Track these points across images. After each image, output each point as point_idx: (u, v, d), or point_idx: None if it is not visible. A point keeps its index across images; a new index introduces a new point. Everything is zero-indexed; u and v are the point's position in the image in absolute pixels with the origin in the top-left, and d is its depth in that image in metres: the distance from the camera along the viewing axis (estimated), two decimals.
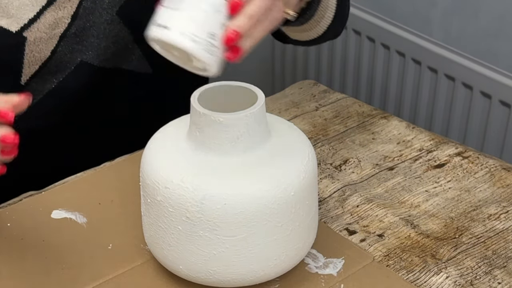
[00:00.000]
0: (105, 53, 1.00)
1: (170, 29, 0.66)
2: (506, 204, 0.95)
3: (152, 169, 0.77)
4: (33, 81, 0.99)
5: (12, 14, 0.95)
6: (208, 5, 0.66)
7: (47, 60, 0.97)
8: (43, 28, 0.96)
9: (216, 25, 0.67)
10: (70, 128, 1.03)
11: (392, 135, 1.08)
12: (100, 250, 0.86)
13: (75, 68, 0.99)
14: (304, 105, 1.15)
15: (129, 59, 1.03)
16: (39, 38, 0.96)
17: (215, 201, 0.73)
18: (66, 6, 0.96)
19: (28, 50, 0.96)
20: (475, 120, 1.56)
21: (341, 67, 1.84)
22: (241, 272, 0.77)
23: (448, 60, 1.56)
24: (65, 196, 0.95)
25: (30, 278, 0.83)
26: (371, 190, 0.97)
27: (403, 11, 1.64)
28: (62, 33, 0.97)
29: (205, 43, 0.66)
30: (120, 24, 0.99)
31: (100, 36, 0.98)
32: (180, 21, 0.66)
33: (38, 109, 1.00)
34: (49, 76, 0.99)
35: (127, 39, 1.00)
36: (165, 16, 0.68)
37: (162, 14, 0.68)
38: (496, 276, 0.84)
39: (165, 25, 0.67)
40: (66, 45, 0.98)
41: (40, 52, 0.97)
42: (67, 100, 1.01)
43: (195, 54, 0.67)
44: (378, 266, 0.85)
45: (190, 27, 0.66)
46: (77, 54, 0.99)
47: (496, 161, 1.02)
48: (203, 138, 0.76)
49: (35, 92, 1.00)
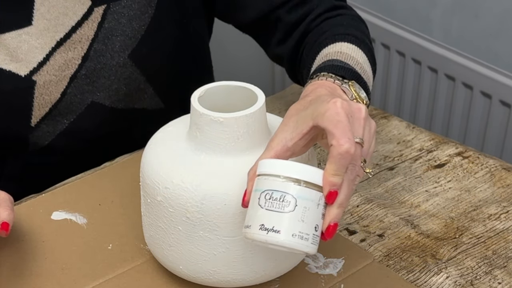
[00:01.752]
0: (117, 94, 0.99)
1: (280, 232, 0.67)
2: (506, 204, 0.95)
3: (152, 169, 0.77)
4: (43, 123, 0.98)
5: (21, 59, 0.94)
6: (307, 201, 0.67)
7: (57, 102, 0.97)
8: (52, 70, 0.95)
9: (318, 218, 0.68)
10: (80, 162, 1.03)
11: (392, 135, 1.08)
12: (100, 250, 0.86)
13: (86, 109, 0.99)
14: None
15: (141, 98, 1.02)
16: (48, 81, 0.95)
17: (215, 201, 0.73)
18: (77, 47, 0.95)
19: (37, 93, 0.96)
20: (475, 120, 1.56)
21: None
22: (241, 272, 0.77)
23: (448, 60, 1.56)
24: (65, 197, 0.94)
25: (30, 278, 0.83)
26: (371, 190, 0.97)
27: (403, 11, 1.64)
28: (72, 74, 0.96)
29: (311, 238, 0.68)
30: (132, 67, 0.98)
31: (111, 78, 0.97)
32: (289, 223, 0.67)
33: (50, 149, 1.00)
34: (60, 118, 0.99)
35: (139, 80, 1.00)
36: (271, 219, 0.67)
37: (265, 216, 0.68)
38: (496, 276, 0.84)
39: (274, 228, 0.67)
40: (76, 86, 0.97)
41: (50, 94, 0.96)
42: (80, 140, 1.01)
43: (305, 250, 0.68)
44: (378, 266, 0.85)
45: (298, 227, 0.67)
46: (88, 95, 0.98)
47: (496, 161, 1.02)
48: (203, 138, 0.76)
49: (46, 134, 0.99)
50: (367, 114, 0.72)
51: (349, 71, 0.82)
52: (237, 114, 0.75)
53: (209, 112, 0.75)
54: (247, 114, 0.75)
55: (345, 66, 0.83)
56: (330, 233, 0.69)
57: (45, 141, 1.00)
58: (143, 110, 1.04)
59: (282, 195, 0.67)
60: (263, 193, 0.68)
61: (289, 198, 0.67)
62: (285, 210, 0.67)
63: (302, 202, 0.67)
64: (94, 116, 1.00)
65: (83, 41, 0.95)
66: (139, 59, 0.98)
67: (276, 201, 0.67)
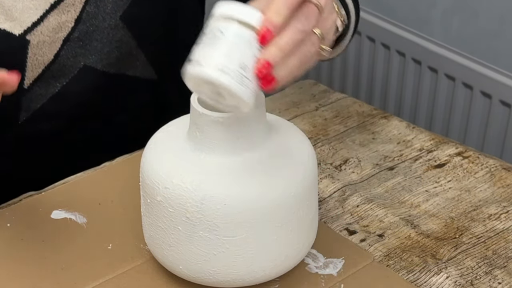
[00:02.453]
0: (109, 58, 0.99)
1: (202, 63, 0.66)
2: (506, 204, 0.95)
3: (152, 169, 0.77)
4: (36, 85, 0.99)
5: (16, 17, 0.94)
6: (238, 38, 0.66)
7: (50, 63, 0.97)
8: (46, 31, 0.96)
9: (247, 57, 0.66)
10: (73, 132, 1.03)
11: (392, 135, 1.08)
12: (100, 250, 0.86)
13: (78, 73, 0.99)
14: (304, 105, 1.15)
15: (133, 65, 1.03)
16: (42, 41, 0.96)
17: (215, 201, 0.73)
18: (70, 10, 0.96)
19: (31, 53, 0.96)
20: (475, 120, 1.56)
21: (341, 67, 1.84)
22: (241, 273, 0.77)
23: (448, 60, 1.56)
24: (65, 196, 0.94)
25: (30, 278, 0.83)
26: (371, 190, 0.97)
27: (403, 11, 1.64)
28: (66, 37, 0.97)
29: (236, 74, 0.66)
30: (124, 29, 0.99)
31: (103, 41, 0.98)
32: (211, 55, 0.66)
33: (42, 113, 1.00)
34: (52, 80, 0.99)
35: (130, 44, 1.00)
36: (198, 52, 0.68)
37: (195, 51, 0.68)
38: (496, 276, 0.84)
39: (197, 60, 0.67)
40: (69, 49, 0.98)
41: (43, 55, 0.97)
42: (71, 105, 1.01)
43: (226, 85, 0.66)
44: (378, 266, 0.85)
45: (220, 59, 0.66)
46: (80, 58, 0.98)
47: (496, 161, 1.02)
48: (203, 138, 0.76)
49: (39, 96, 0.99)
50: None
51: None
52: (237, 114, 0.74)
53: (209, 112, 0.75)
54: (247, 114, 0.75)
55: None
56: (260, 71, 0.66)
57: (37, 104, 1.00)
58: (135, 79, 1.04)
59: (213, 31, 0.67)
60: (204, 32, 0.68)
61: (218, 34, 0.66)
62: (211, 43, 0.66)
63: (231, 37, 0.66)
64: (86, 80, 1.00)
65: (76, 3, 0.96)
66: (130, 21, 0.99)
67: (207, 37, 0.67)
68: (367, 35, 1.72)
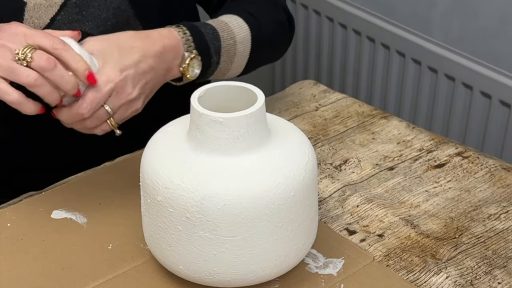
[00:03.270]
0: (105, 24, 0.99)
1: None
2: (506, 204, 0.95)
3: (152, 169, 0.77)
4: None
5: None
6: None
7: (45, 27, 0.97)
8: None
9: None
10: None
11: (392, 135, 1.08)
12: (100, 250, 0.86)
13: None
14: (304, 105, 1.15)
15: None
16: (38, 4, 0.96)
17: (215, 201, 0.73)
18: None
19: (27, 16, 0.96)
20: (475, 120, 1.56)
21: (341, 67, 1.84)
22: (241, 272, 0.77)
23: (448, 60, 1.56)
24: (65, 196, 0.95)
25: (30, 278, 0.83)
26: (371, 190, 0.97)
27: (403, 11, 1.64)
28: (63, 2, 0.97)
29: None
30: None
31: (100, 7, 0.98)
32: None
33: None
34: None
35: (128, 13, 1.00)
36: None
37: None
38: (496, 276, 0.84)
39: None
40: (66, 14, 0.97)
41: (39, 18, 0.97)
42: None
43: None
44: (378, 266, 0.85)
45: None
46: (76, 24, 0.98)
47: (496, 161, 1.02)
48: (203, 138, 0.76)
49: None
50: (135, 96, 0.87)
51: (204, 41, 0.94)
52: (237, 114, 0.75)
53: (209, 112, 0.75)
54: (247, 114, 0.75)
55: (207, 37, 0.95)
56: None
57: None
58: None
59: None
60: None
61: None
62: None
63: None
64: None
65: None
66: None
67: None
68: (367, 35, 1.72)
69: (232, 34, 0.98)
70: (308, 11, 1.86)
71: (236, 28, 0.99)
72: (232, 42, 0.98)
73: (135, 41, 0.88)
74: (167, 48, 0.90)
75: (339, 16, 1.77)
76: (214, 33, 0.96)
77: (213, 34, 0.96)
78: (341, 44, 1.80)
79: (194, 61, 0.94)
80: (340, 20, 1.78)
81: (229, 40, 0.98)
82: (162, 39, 0.91)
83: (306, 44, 1.91)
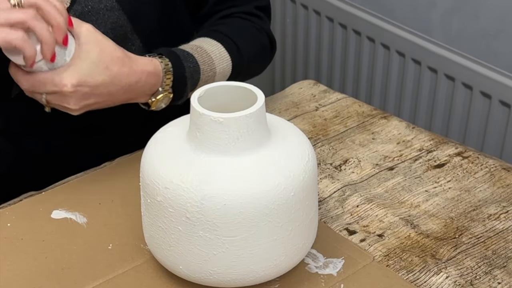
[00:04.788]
0: None
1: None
2: (506, 204, 0.95)
3: (152, 169, 0.77)
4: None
5: None
6: None
7: None
8: None
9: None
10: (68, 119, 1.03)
11: (392, 135, 1.08)
12: (100, 250, 0.86)
13: None
14: (304, 105, 1.15)
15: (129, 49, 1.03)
16: None
17: (215, 201, 0.73)
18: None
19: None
20: (475, 120, 1.56)
21: (341, 67, 1.84)
22: (241, 272, 0.77)
23: (448, 60, 1.56)
24: (65, 196, 0.95)
25: (30, 278, 0.83)
26: (371, 190, 0.97)
27: (403, 11, 1.64)
28: None
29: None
30: (119, 11, 0.99)
31: (98, 22, 0.98)
32: None
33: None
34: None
35: (126, 27, 1.00)
36: None
37: None
38: (496, 276, 0.84)
39: None
40: None
41: None
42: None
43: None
44: (378, 266, 0.85)
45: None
46: None
47: (496, 161, 1.02)
48: (203, 138, 0.76)
49: None
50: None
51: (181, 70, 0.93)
52: (237, 114, 0.75)
53: (209, 112, 0.75)
54: (247, 114, 0.75)
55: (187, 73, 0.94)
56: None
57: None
58: None
59: None
60: None
61: None
62: None
63: None
64: None
65: None
66: (126, 4, 1.00)
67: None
68: (367, 35, 1.72)
69: (213, 66, 0.98)
70: (308, 11, 1.86)
71: (217, 59, 0.99)
72: (212, 74, 0.98)
73: (114, 64, 0.87)
74: (141, 83, 0.90)
75: (339, 16, 1.77)
76: (195, 67, 0.96)
77: (194, 68, 0.96)
78: (341, 44, 1.80)
79: (165, 98, 0.95)
80: (340, 20, 1.78)
81: (209, 72, 0.98)
82: (141, 75, 0.90)
83: (306, 44, 1.91)
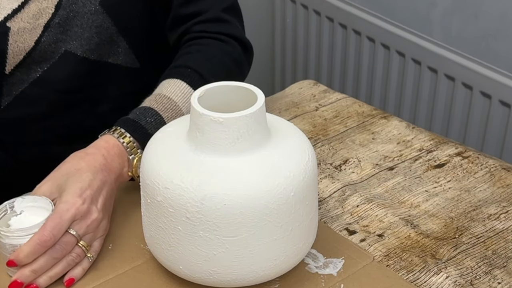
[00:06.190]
0: (89, 43, 1.00)
1: None
2: (506, 204, 0.95)
3: (152, 169, 0.77)
4: (17, 70, 0.99)
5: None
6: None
7: (31, 50, 0.98)
8: (26, 18, 0.96)
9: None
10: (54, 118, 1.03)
11: (392, 135, 1.08)
12: (100, 250, 0.86)
13: (59, 58, 1.00)
14: (304, 105, 1.15)
15: (115, 52, 1.03)
16: (22, 28, 0.96)
17: (215, 201, 0.73)
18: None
19: (12, 40, 0.97)
20: (475, 120, 1.56)
21: (341, 67, 1.84)
22: (241, 272, 0.77)
23: (448, 60, 1.56)
24: None
25: None
26: (371, 190, 0.97)
27: (403, 11, 1.64)
28: (46, 23, 0.97)
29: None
30: (103, 14, 0.99)
31: (83, 26, 0.99)
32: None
33: (24, 98, 1.01)
34: (34, 66, 1.00)
35: (111, 30, 1.01)
36: None
37: None
38: (496, 276, 0.84)
39: None
40: (50, 35, 0.98)
41: (24, 42, 0.97)
42: (52, 90, 1.02)
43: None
44: (378, 266, 0.85)
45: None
46: (61, 44, 0.99)
47: (496, 161, 1.02)
48: (203, 138, 0.76)
49: (20, 81, 1.00)
50: (99, 216, 0.83)
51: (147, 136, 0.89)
52: (237, 114, 0.75)
53: (209, 112, 0.75)
54: (247, 114, 0.75)
55: (150, 130, 0.91)
56: (14, 286, 0.80)
57: (18, 88, 1.01)
58: (117, 67, 1.05)
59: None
60: None
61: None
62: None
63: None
64: (67, 66, 1.01)
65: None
66: (110, 6, 1.00)
67: None
68: (367, 35, 1.72)
69: (177, 108, 0.95)
70: (308, 11, 1.86)
71: (180, 99, 0.96)
72: (179, 114, 0.96)
73: (79, 163, 0.86)
74: (109, 159, 0.88)
75: (339, 16, 1.77)
76: (157, 119, 0.93)
77: (156, 121, 0.93)
78: (341, 44, 1.80)
79: (140, 159, 0.91)
80: (340, 20, 1.78)
81: (175, 115, 0.95)
82: (101, 152, 0.88)
83: (306, 44, 1.91)
